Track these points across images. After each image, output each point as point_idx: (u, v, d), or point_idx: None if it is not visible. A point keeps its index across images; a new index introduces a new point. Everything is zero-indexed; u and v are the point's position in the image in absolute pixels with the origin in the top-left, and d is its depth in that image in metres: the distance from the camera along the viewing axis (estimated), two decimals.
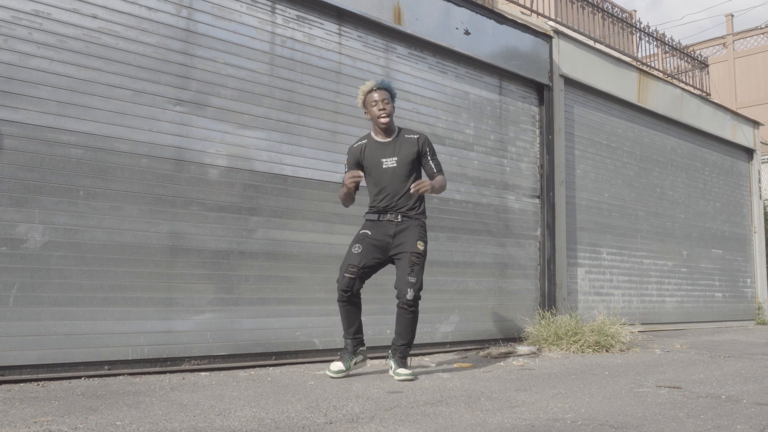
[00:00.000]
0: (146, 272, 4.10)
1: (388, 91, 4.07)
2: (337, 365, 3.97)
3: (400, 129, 4.17)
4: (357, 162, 4.10)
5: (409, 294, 3.87)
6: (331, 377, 3.94)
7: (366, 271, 3.98)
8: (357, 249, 3.97)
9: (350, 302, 3.96)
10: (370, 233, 4.01)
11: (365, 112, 4.13)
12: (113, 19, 4.10)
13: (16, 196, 3.68)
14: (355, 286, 3.93)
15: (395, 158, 4.02)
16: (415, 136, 4.11)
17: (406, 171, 4.03)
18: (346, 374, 3.99)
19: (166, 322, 4.15)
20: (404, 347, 3.99)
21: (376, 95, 4.03)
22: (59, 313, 3.76)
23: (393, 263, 4.05)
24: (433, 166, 4.10)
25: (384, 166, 4.02)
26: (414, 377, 3.93)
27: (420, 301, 3.94)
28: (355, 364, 4.04)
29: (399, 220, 4.00)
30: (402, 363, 3.98)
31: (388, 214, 4.01)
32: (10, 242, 3.64)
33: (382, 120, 4.01)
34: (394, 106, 4.11)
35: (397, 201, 4.01)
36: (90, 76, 3.99)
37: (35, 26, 3.81)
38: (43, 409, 2.86)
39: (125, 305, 4.00)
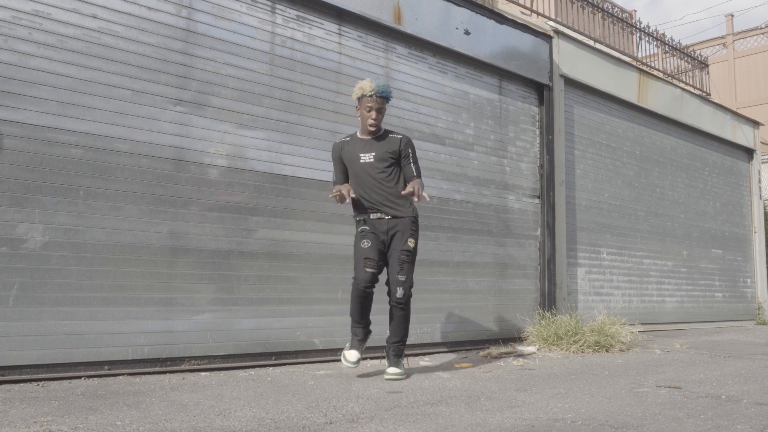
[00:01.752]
0: (146, 272, 4.10)
1: (386, 98, 4.08)
2: (354, 354, 4.00)
3: (386, 130, 4.20)
4: (338, 157, 4.17)
5: (399, 293, 3.95)
6: (350, 367, 4.01)
7: (383, 263, 4.02)
8: (366, 244, 3.99)
9: (370, 297, 4.00)
10: (368, 228, 4.04)
11: (357, 108, 4.16)
12: (113, 19, 4.10)
13: (16, 196, 3.68)
14: (375, 279, 3.98)
15: (373, 153, 4.06)
16: (398, 137, 4.14)
17: (384, 167, 4.04)
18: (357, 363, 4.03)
19: (166, 322, 4.15)
20: (397, 344, 4.05)
21: (372, 102, 4.05)
22: (59, 313, 3.76)
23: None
24: (413, 170, 4.10)
25: (361, 161, 4.07)
26: (403, 376, 3.98)
27: (411, 299, 4.00)
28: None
29: (389, 218, 4.03)
30: (394, 362, 4.05)
31: (378, 213, 4.04)
32: (10, 242, 3.65)
33: (371, 129, 4.09)
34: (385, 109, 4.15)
35: (384, 199, 4.03)
36: (90, 76, 3.99)
37: (35, 26, 3.81)
38: (43, 409, 2.86)
39: (125, 305, 4.00)
